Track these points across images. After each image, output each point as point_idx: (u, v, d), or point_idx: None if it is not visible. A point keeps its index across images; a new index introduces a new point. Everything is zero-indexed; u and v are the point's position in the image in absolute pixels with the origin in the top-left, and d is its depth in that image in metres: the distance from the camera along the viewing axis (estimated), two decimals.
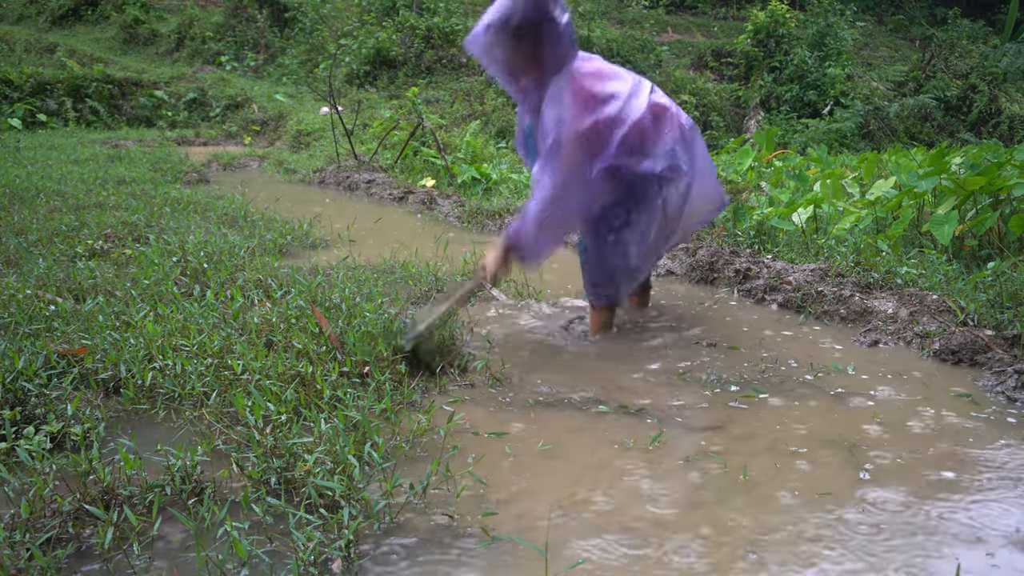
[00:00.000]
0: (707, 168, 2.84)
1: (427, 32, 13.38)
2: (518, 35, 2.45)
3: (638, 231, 2.71)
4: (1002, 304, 2.92)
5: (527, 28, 2.44)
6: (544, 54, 2.50)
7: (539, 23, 2.44)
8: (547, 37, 2.47)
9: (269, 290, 3.10)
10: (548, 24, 2.46)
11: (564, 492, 1.80)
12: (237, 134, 11.95)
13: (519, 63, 2.53)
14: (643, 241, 2.73)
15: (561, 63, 2.54)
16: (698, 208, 2.85)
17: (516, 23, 2.43)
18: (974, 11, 20.79)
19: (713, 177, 2.89)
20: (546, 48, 2.49)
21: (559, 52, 2.51)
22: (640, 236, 2.72)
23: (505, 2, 2.45)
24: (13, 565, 1.43)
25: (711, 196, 2.89)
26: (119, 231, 4.16)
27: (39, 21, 16.50)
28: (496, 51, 2.51)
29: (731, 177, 5.97)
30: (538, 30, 2.45)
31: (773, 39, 15.04)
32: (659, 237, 2.77)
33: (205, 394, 2.17)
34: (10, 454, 1.81)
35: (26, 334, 2.50)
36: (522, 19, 2.43)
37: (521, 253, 2.63)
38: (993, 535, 1.63)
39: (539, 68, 2.53)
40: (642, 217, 2.69)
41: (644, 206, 2.68)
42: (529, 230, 2.56)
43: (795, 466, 1.93)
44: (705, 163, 2.82)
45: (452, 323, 2.65)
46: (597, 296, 2.88)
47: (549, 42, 2.48)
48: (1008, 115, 14.01)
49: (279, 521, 1.64)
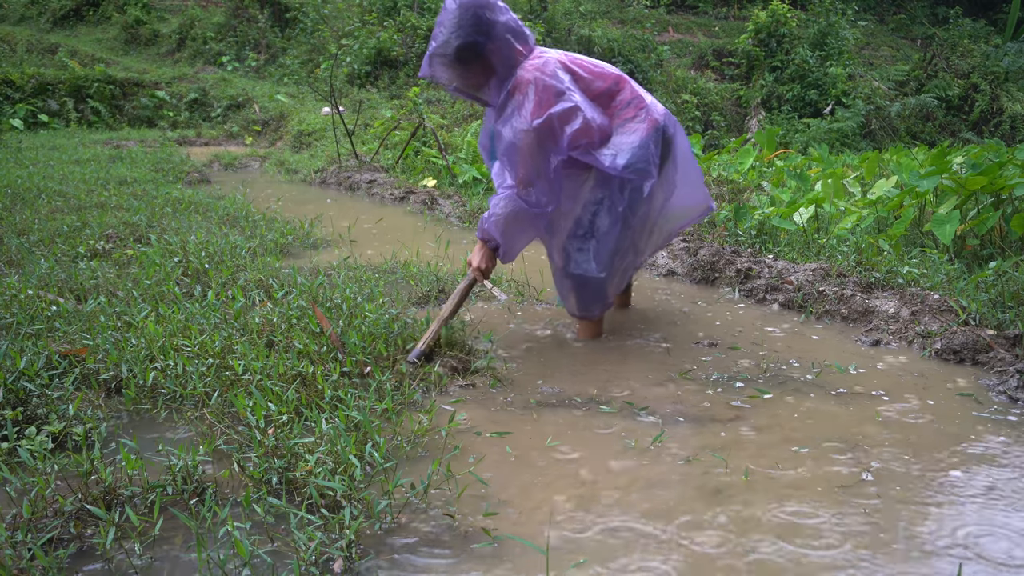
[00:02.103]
0: (690, 170, 2.78)
1: (428, 32, 13.37)
2: (461, 58, 2.47)
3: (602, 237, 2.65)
4: (1004, 304, 2.92)
5: (466, 49, 2.45)
6: (493, 64, 2.51)
7: (477, 41, 2.44)
8: (490, 48, 2.47)
9: (270, 290, 3.11)
10: (486, 37, 2.45)
11: (565, 492, 1.80)
12: (238, 134, 11.96)
13: (472, 80, 2.55)
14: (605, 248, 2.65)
15: (513, 63, 2.53)
16: (679, 211, 2.81)
17: (456, 46, 2.44)
18: (975, 10, 20.77)
19: (698, 180, 2.83)
20: (493, 59, 2.50)
21: (506, 55, 2.51)
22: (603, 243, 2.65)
23: (440, 31, 2.46)
24: (15, 565, 1.43)
25: (695, 199, 2.84)
26: (121, 231, 4.16)
27: (40, 22, 16.51)
28: (448, 75, 2.52)
29: (732, 177, 5.97)
30: (479, 47, 2.45)
31: (774, 39, 15.03)
32: (628, 248, 2.71)
33: (206, 394, 2.17)
34: (12, 454, 1.81)
35: (28, 334, 2.50)
36: (460, 43, 2.44)
37: (494, 247, 2.64)
38: (994, 535, 1.63)
39: (492, 75, 2.54)
40: (606, 222, 2.64)
41: (608, 210, 2.63)
42: (497, 224, 2.57)
43: (797, 466, 1.93)
44: (687, 164, 2.77)
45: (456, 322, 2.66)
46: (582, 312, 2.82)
47: (493, 52, 2.48)
48: (1010, 114, 14.00)
49: (280, 521, 1.64)
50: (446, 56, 2.46)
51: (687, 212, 2.86)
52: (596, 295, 2.74)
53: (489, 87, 2.56)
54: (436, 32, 2.48)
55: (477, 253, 2.67)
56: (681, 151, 2.74)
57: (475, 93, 2.60)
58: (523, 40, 2.54)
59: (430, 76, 2.54)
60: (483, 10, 2.44)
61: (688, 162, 2.78)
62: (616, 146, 2.57)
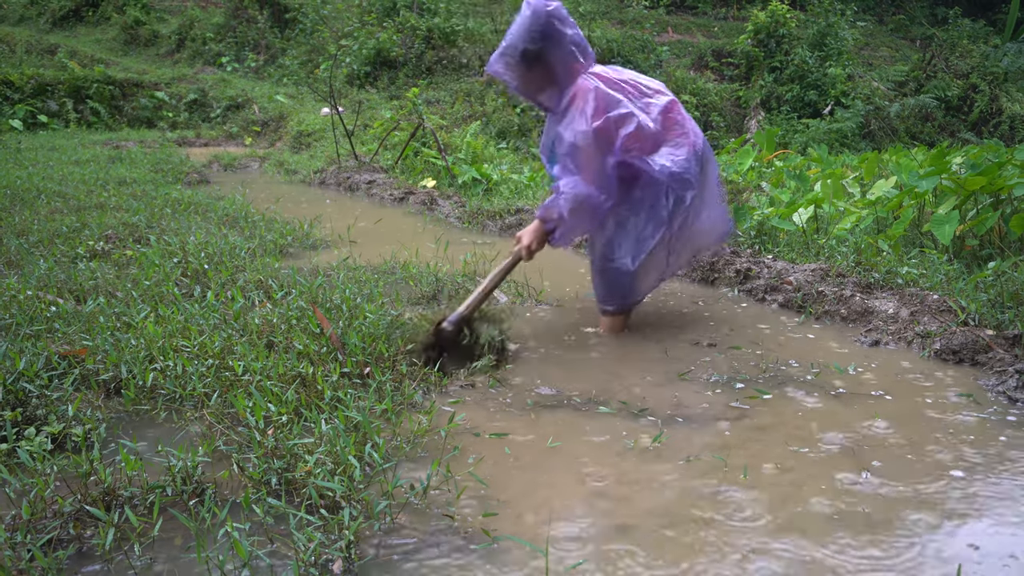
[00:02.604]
0: (717, 194, 2.93)
1: (428, 33, 13.37)
2: (527, 60, 2.64)
3: (641, 234, 2.78)
4: (1003, 304, 2.92)
5: (533, 52, 2.62)
6: (556, 72, 2.68)
7: (544, 47, 2.62)
8: (555, 57, 2.65)
9: (270, 291, 3.10)
10: (554, 45, 2.63)
11: (565, 492, 1.80)
12: (238, 135, 11.96)
13: (534, 83, 2.71)
14: (644, 246, 2.78)
15: (574, 74, 2.71)
16: (705, 231, 2.93)
17: (523, 49, 2.62)
18: (975, 11, 20.77)
19: (723, 206, 2.98)
20: (556, 67, 2.67)
21: (569, 66, 2.69)
22: (642, 240, 2.78)
23: (513, 30, 2.64)
24: (14, 566, 1.43)
25: (718, 224, 2.96)
26: (120, 232, 4.16)
27: (40, 22, 16.50)
28: (511, 75, 2.70)
29: (732, 177, 5.97)
30: (545, 53, 2.63)
31: (774, 39, 15.03)
32: (663, 250, 2.82)
33: (206, 395, 2.17)
34: (11, 455, 1.81)
35: (27, 335, 2.50)
36: (527, 45, 2.61)
37: (552, 227, 2.73)
38: (993, 535, 1.63)
39: (553, 83, 2.71)
40: (649, 223, 2.77)
41: (652, 212, 2.76)
42: (561, 206, 2.67)
43: (796, 466, 1.93)
44: (716, 187, 2.92)
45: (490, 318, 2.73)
46: (606, 304, 2.96)
47: (558, 61, 2.66)
48: (1009, 115, 14.00)
49: (280, 522, 1.64)
50: (513, 57, 2.65)
51: (710, 233, 2.97)
52: (625, 289, 2.88)
53: (548, 93, 2.73)
54: (508, 32, 2.66)
55: (530, 232, 2.76)
56: (712, 176, 2.90)
57: (535, 96, 2.77)
58: (585, 54, 2.72)
59: (495, 72, 2.71)
60: (554, 20, 2.62)
61: (715, 187, 2.93)
62: (665, 155, 2.73)
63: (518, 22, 2.63)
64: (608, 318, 2.99)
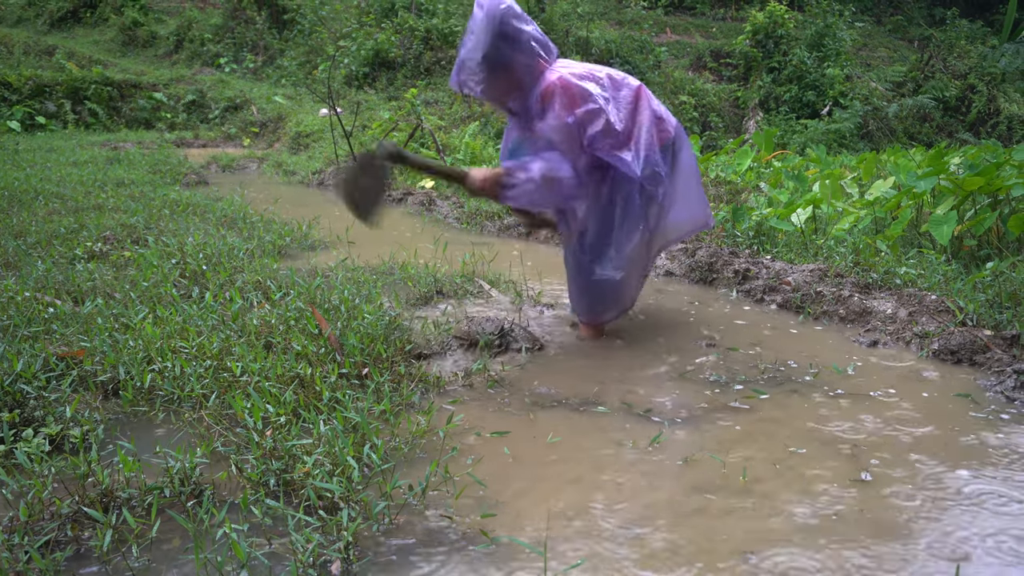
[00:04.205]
0: (692, 185, 2.83)
1: (426, 33, 13.38)
2: (489, 65, 2.53)
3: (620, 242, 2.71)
4: (1001, 304, 2.92)
5: (493, 56, 2.51)
6: (519, 75, 2.58)
7: (503, 49, 2.51)
8: (516, 58, 2.54)
9: (268, 292, 3.10)
10: (513, 45, 2.52)
11: (563, 493, 1.80)
12: (236, 136, 11.95)
13: (499, 88, 2.60)
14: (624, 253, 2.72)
15: (537, 74, 2.60)
16: (679, 223, 2.84)
17: (483, 54, 2.51)
18: (972, 11, 20.81)
19: (699, 193, 2.87)
20: (519, 68, 2.56)
21: (532, 66, 2.58)
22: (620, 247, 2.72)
23: (469, 39, 2.54)
24: (12, 568, 1.43)
25: (695, 213, 2.87)
26: (118, 233, 4.16)
27: (38, 23, 16.49)
28: (475, 84, 2.58)
29: (730, 178, 5.97)
30: (506, 55, 2.52)
31: (772, 40, 15.05)
32: (643, 250, 2.77)
33: (204, 396, 2.17)
34: (9, 456, 1.81)
35: (25, 336, 2.50)
36: (486, 50, 2.50)
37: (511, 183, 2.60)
38: (991, 535, 1.63)
39: (518, 87, 2.61)
40: (624, 225, 2.70)
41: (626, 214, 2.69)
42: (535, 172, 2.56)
43: (795, 466, 1.93)
44: (690, 179, 2.81)
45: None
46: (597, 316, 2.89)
47: (520, 62, 2.55)
48: (1007, 115, 14.02)
49: (278, 523, 1.64)
50: (474, 62, 2.53)
51: (683, 226, 2.89)
52: (614, 298, 2.81)
53: (514, 96, 2.63)
54: (465, 39, 2.56)
55: (489, 173, 2.63)
56: (685, 165, 2.80)
57: (502, 100, 2.66)
58: (547, 51, 2.62)
59: (459, 84, 2.60)
60: (510, 19, 2.51)
61: (691, 177, 2.83)
62: (636, 149, 2.64)
63: (473, 26, 2.52)
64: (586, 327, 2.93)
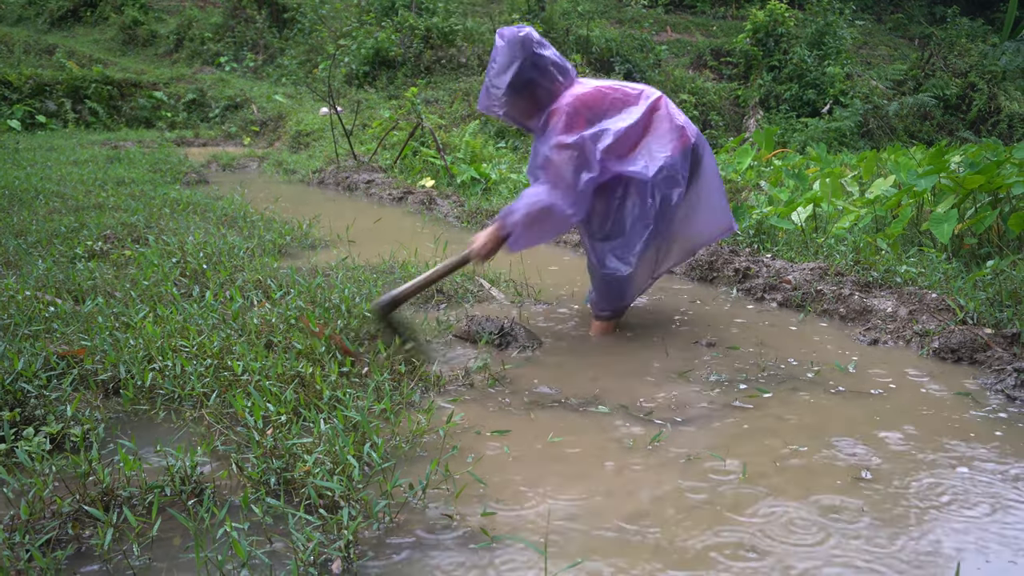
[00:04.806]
0: (715, 190, 2.90)
1: (426, 32, 13.37)
2: (514, 90, 2.72)
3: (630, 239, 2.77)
4: (1001, 302, 2.92)
5: (517, 81, 2.70)
6: (539, 97, 2.76)
7: (526, 74, 2.70)
8: (538, 82, 2.73)
9: (268, 291, 3.10)
10: (535, 70, 2.70)
11: (563, 492, 1.80)
12: (236, 135, 11.95)
13: (523, 110, 2.79)
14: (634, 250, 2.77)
15: (555, 96, 2.76)
16: (702, 228, 2.91)
17: (509, 81, 2.70)
18: (973, 9, 20.78)
19: (722, 200, 2.95)
20: (540, 91, 2.75)
21: (551, 89, 2.76)
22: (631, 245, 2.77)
23: (493, 65, 2.74)
24: (13, 567, 1.43)
25: (717, 219, 2.94)
26: (118, 232, 4.16)
27: (38, 22, 16.48)
28: (500, 107, 2.78)
29: (731, 176, 5.97)
30: (528, 79, 2.71)
31: (772, 38, 15.03)
32: (652, 250, 2.81)
33: (205, 395, 2.17)
34: (10, 455, 1.81)
35: (26, 335, 2.50)
36: (511, 76, 2.70)
37: (507, 233, 2.71)
38: (991, 534, 1.63)
39: (538, 108, 2.78)
40: (636, 224, 2.76)
41: (638, 214, 2.75)
42: (519, 213, 2.67)
43: (795, 465, 1.93)
44: (712, 185, 2.89)
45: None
46: (600, 309, 2.94)
47: (541, 85, 2.74)
48: (1007, 113, 14.00)
49: (279, 522, 1.64)
50: (499, 89, 2.73)
51: (708, 231, 2.96)
52: (618, 293, 2.87)
53: (535, 116, 2.80)
54: (489, 67, 2.76)
55: (486, 234, 2.73)
56: (708, 172, 2.87)
57: (524, 121, 2.85)
58: (565, 73, 2.78)
59: (486, 110, 2.81)
60: (529, 45, 2.69)
61: (713, 183, 2.90)
62: (649, 156, 2.73)
63: (496, 53, 2.71)
64: (599, 322, 2.98)
